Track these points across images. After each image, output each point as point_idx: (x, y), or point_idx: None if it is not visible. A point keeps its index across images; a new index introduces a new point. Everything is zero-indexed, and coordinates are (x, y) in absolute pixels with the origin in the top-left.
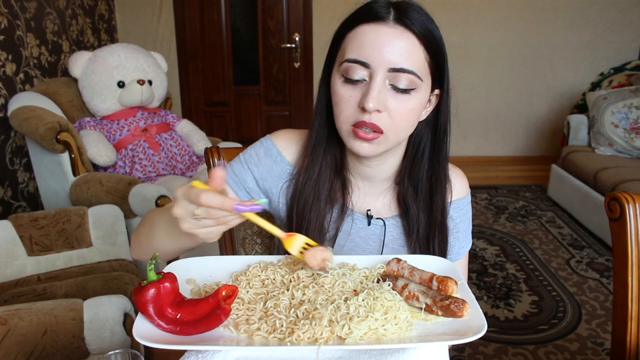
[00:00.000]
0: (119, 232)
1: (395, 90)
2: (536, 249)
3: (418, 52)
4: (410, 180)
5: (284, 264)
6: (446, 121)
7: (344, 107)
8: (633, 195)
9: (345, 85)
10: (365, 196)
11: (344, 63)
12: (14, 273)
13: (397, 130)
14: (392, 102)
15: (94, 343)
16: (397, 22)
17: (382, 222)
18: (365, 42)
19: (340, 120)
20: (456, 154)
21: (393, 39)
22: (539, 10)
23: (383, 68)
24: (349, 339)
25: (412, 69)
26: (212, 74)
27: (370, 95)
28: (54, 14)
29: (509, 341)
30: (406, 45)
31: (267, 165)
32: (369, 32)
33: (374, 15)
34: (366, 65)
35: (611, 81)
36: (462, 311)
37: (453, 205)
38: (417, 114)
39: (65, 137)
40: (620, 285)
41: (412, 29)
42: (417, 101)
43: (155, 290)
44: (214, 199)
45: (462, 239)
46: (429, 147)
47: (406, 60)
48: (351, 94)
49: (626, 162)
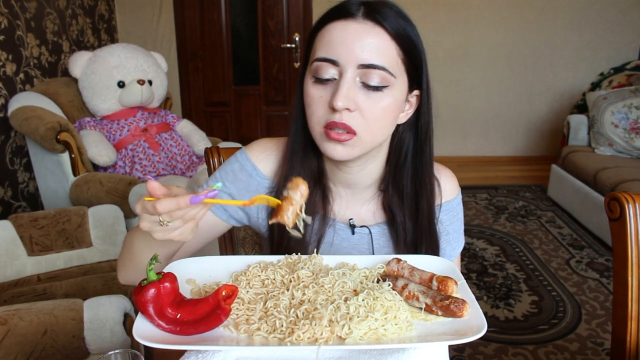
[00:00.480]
0: (119, 232)
1: (367, 87)
2: (536, 249)
3: (389, 48)
4: (394, 187)
5: (284, 264)
6: (427, 122)
7: (315, 108)
8: (633, 195)
9: (316, 85)
10: (348, 204)
11: (314, 62)
12: (14, 273)
13: (371, 130)
14: (364, 100)
15: (94, 343)
16: (367, 17)
17: (367, 230)
18: (334, 39)
19: (312, 122)
20: (456, 154)
21: (362, 34)
22: (539, 10)
23: (352, 65)
24: (349, 339)
25: (383, 64)
26: (212, 74)
27: (340, 93)
28: (54, 14)
29: (509, 341)
30: (376, 40)
31: (244, 181)
32: (337, 29)
33: (343, 12)
34: (335, 62)
35: (611, 81)
36: (462, 311)
37: (443, 208)
38: (392, 113)
39: (65, 137)
40: (620, 285)
41: (382, 24)
42: (391, 99)
43: (155, 290)
44: (169, 203)
45: (454, 241)
46: (412, 151)
47: (376, 56)
48: (321, 94)
49: (626, 162)
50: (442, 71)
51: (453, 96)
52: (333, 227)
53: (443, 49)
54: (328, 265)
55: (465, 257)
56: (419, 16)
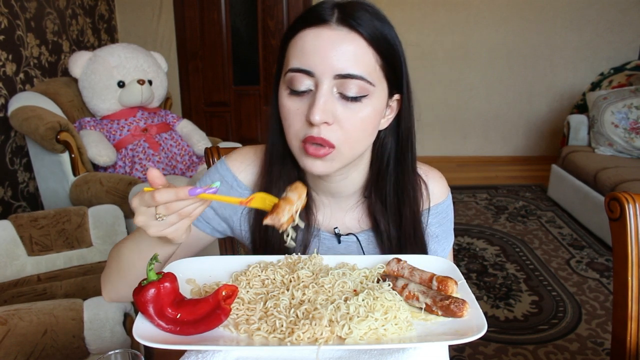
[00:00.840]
0: (119, 232)
1: (345, 98)
2: (536, 249)
3: (366, 55)
4: (377, 194)
5: (284, 264)
6: (409, 128)
7: (292, 122)
8: (633, 195)
9: (291, 97)
10: (332, 213)
11: (288, 73)
12: (14, 273)
13: (351, 142)
14: (342, 112)
15: (94, 343)
16: (341, 23)
17: (354, 237)
18: (307, 48)
19: (290, 137)
20: (456, 154)
21: (337, 42)
22: (539, 10)
23: (328, 75)
24: (349, 339)
25: (361, 73)
26: (212, 74)
27: (316, 106)
28: (54, 14)
29: (509, 341)
30: (352, 48)
31: (224, 193)
32: (310, 37)
33: (315, 18)
34: (310, 73)
35: (611, 81)
36: (462, 311)
37: (432, 212)
38: (372, 123)
39: (65, 137)
40: (620, 285)
41: (358, 30)
42: (371, 109)
43: (155, 290)
44: (168, 193)
45: (444, 241)
46: (394, 157)
47: (353, 64)
48: (298, 106)
49: (626, 162)
50: (442, 71)
51: (453, 96)
52: (318, 237)
53: (443, 49)
54: (328, 265)
55: (465, 257)
56: (418, 16)
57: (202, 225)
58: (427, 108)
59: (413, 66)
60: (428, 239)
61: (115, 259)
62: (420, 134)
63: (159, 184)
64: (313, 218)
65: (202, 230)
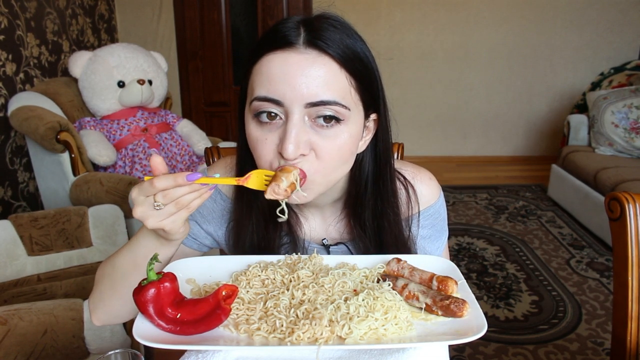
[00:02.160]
0: (119, 232)
1: (319, 126)
2: (536, 249)
3: (339, 78)
4: (356, 218)
5: (284, 264)
6: (387, 149)
7: (262, 153)
8: (633, 195)
9: (260, 126)
10: (318, 224)
11: (254, 102)
12: (14, 273)
13: (327, 171)
14: (317, 140)
15: (94, 343)
16: (309, 45)
17: (344, 247)
18: (273, 74)
19: (262, 166)
20: (456, 154)
21: (305, 67)
22: (539, 10)
23: (298, 104)
24: (349, 339)
25: (334, 99)
26: (212, 74)
27: (288, 140)
28: (54, 14)
29: (509, 341)
30: (323, 72)
31: (208, 207)
32: (276, 62)
33: (281, 41)
34: (278, 102)
35: (611, 81)
36: (462, 311)
37: (422, 215)
38: (349, 149)
39: (65, 137)
40: (620, 285)
41: (327, 52)
42: (347, 135)
43: (155, 290)
44: (167, 179)
45: (437, 240)
46: (372, 179)
47: (325, 90)
48: (267, 136)
49: (626, 162)
50: (442, 71)
51: (453, 96)
52: (305, 251)
53: (443, 49)
54: (328, 265)
55: (465, 257)
56: (418, 16)
57: (190, 242)
58: (427, 108)
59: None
60: (420, 240)
61: (108, 274)
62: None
63: (161, 171)
64: (299, 232)
65: (189, 247)
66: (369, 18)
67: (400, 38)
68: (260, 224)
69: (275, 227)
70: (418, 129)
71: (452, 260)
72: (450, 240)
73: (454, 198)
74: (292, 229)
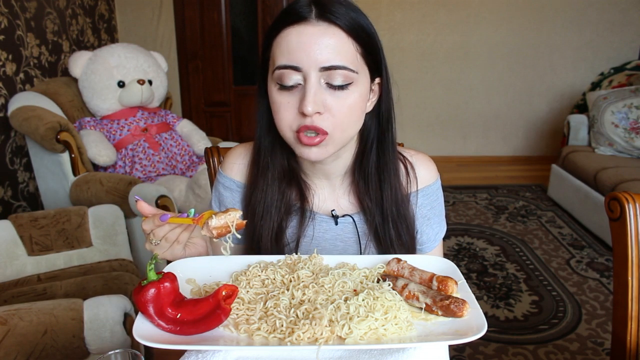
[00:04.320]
0: (119, 232)
1: (332, 87)
2: (536, 249)
3: (347, 46)
4: (360, 173)
5: (284, 264)
6: (389, 109)
7: (284, 115)
8: (633, 195)
9: (281, 92)
10: (328, 196)
11: (276, 70)
12: (14, 273)
13: (342, 127)
14: (331, 101)
15: (94, 343)
16: (320, 18)
17: (350, 219)
18: (292, 45)
19: (283, 129)
20: (456, 154)
21: (318, 37)
22: (539, 10)
23: (314, 68)
24: (349, 338)
25: (344, 63)
26: (212, 74)
27: (307, 98)
28: (54, 14)
29: (509, 341)
30: (333, 41)
31: (230, 197)
32: (293, 35)
33: (296, 16)
34: (297, 68)
35: (611, 81)
36: (462, 311)
37: (420, 194)
38: (360, 108)
39: (65, 137)
40: (620, 285)
41: (336, 23)
42: (357, 95)
43: (155, 290)
44: (148, 222)
45: (436, 225)
46: (376, 137)
47: (336, 56)
48: (289, 100)
49: (626, 162)
50: (442, 71)
51: (453, 96)
52: (313, 220)
53: (443, 49)
54: (328, 265)
55: (465, 257)
56: (418, 16)
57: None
58: (427, 108)
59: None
60: (419, 220)
61: None
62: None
63: (148, 213)
64: (307, 203)
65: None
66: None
67: (400, 38)
68: (275, 183)
69: (287, 189)
70: (418, 129)
71: (452, 260)
72: (450, 240)
73: (454, 198)
74: (303, 196)
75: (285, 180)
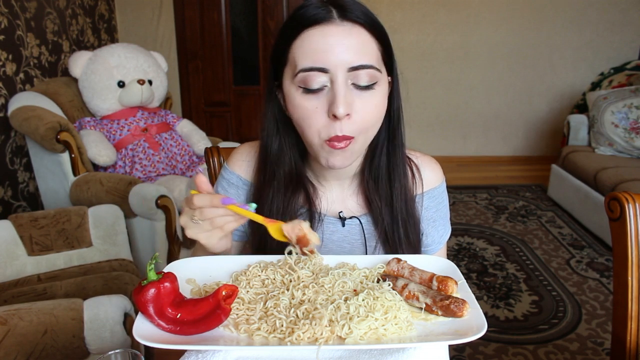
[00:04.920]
0: (119, 232)
1: (359, 88)
2: (536, 249)
3: (371, 44)
4: (370, 173)
5: (284, 264)
6: (398, 107)
7: (313, 121)
8: (633, 195)
9: (306, 96)
10: (335, 198)
11: (300, 73)
12: (14, 273)
13: (366, 130)
14: (359, 102)
15: (94, 343)
16: (343, 18)
17: (357, 220)
18: (317, 46)
19: (311, 135)
20: (456, 154)
21: (344, 37)
22: (539, 10)
23: (342, 69)
24: (349, 338)
25: (370, 62)
26: (212, 74)
27: (338, 100)
28: (54, 14)
29: (509, 341)
30: (359, 40)
31: (234, 194)
32: (317, 36)
33: (317, 18)
34: (324, 70)
35: (611, 81)
36: (462, 311)
37: (426, 196)
38: (384, 108)
39: (65, 137)
40: (620, 285)
41: (359, 22)
42: (382, 94)
43: (155, 290)
44: (203, 198)
45: (441, 227)
46: (386, 135)
47: (362, 55)
48: (316, 104)
49: (626, 162)
50: (442, 71)
51: (453, 96)
52: (321, 222)
53: (443, 49)
54: (328, 265)
55: (465, 257)
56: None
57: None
58: (427, 108)
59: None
60: (424, 222)
61: None
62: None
63: (204, 190)
64: (315, 205)
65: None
66: None
67: (400, 38)
68: (280, 191)
69: (293, 196)
70: (418, 129)
71: (452, 260)
72: (450, 240)
73: (454, 198)
74: (310, 199)
75: (292, 187)
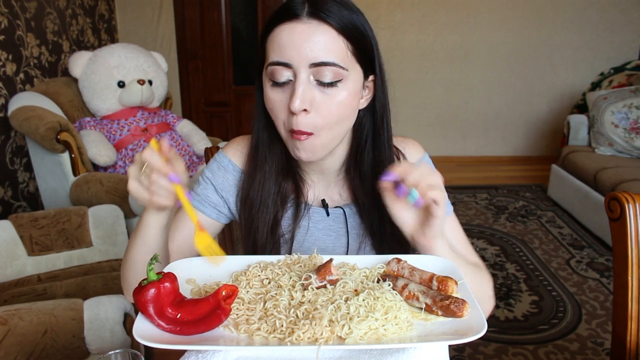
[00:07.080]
0: (119, 232)
1: (322, 85)
2: (536, 249)
3: (337, 43)
4: (355, 170)
5: (284, 264)
6: (383, 106)
7: (278, 113)
8: (633, 195)
9: (274, 89)
10: (320, 189)
11: (269, 67)
12: (14, 273)
13: (330, 126)
14: (320, 98)
15: (94, 343)
16: (311, 16)
17: (341, 210)
18: (283, 42)
19: (279, 126)
20: (456, 154)
21: (309, 34)
22: (539, 10)
23: (304, 65)
24: (349, 339)
25: (333, 60)
26: (212, 74)
27: (295, 94)
28: (54, 14)
29: (509, 341)
30: (323, 38)
31: (222, 177)
32: (285, 32)
33: (288, 14)
34: (288, 65)
35: (611, 81)
36: (462, 311)
37: None
38: (349, 105)
39: (66, 137)
40: (620, 285)
41: (327, 21)
42: (346, 92)
43: (155, 290)
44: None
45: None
46: (371, 134)
47: (325, 53)
48: (281, 97)
49: (626, 162)
50: (442, 71)
51: (453, 96)
52: (308, 212)
53: (443, 49)
54: None
55: None
56: (418, 16)
57: (209, 210)
58: (427, 108)
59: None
60: None
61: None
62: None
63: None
64: (302, 195)
65: (209, 215)
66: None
67: (400, 38)
68: (272, 177)
69: (284, 181)
70: (418, 129)
71: None
72: None
73: (454, 198)
74: (298, 189)
75: (283, 174)
